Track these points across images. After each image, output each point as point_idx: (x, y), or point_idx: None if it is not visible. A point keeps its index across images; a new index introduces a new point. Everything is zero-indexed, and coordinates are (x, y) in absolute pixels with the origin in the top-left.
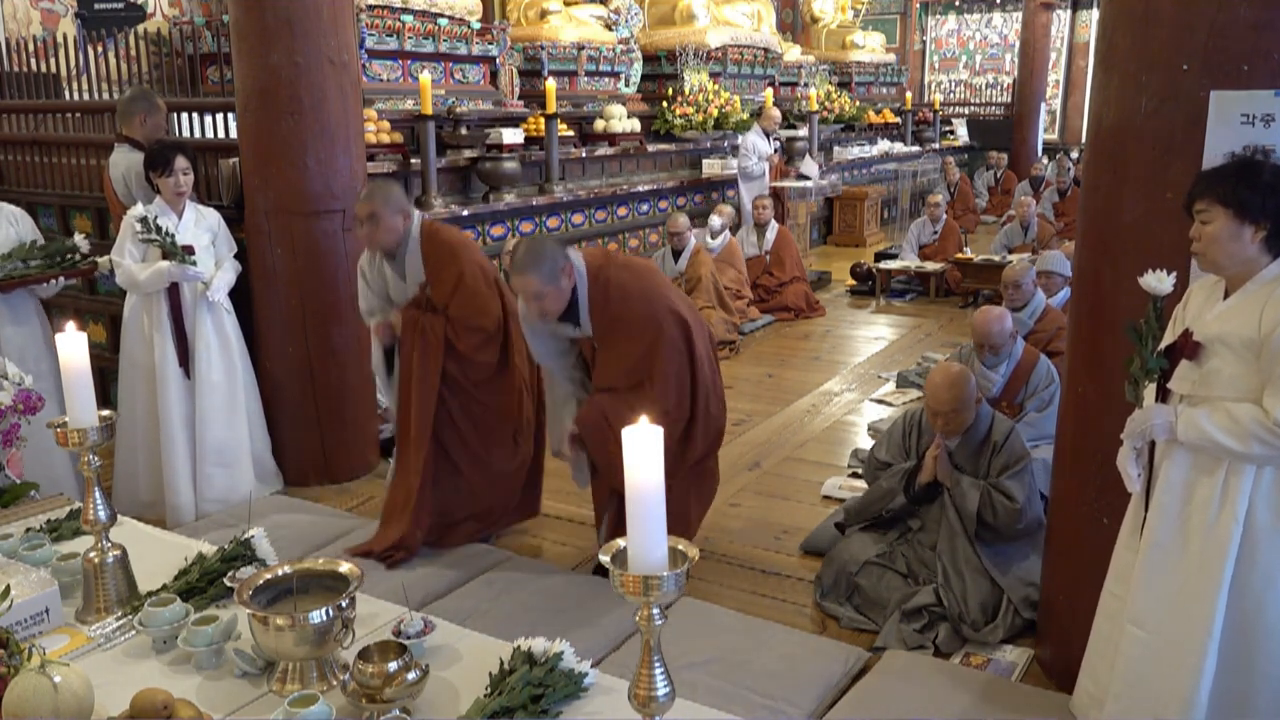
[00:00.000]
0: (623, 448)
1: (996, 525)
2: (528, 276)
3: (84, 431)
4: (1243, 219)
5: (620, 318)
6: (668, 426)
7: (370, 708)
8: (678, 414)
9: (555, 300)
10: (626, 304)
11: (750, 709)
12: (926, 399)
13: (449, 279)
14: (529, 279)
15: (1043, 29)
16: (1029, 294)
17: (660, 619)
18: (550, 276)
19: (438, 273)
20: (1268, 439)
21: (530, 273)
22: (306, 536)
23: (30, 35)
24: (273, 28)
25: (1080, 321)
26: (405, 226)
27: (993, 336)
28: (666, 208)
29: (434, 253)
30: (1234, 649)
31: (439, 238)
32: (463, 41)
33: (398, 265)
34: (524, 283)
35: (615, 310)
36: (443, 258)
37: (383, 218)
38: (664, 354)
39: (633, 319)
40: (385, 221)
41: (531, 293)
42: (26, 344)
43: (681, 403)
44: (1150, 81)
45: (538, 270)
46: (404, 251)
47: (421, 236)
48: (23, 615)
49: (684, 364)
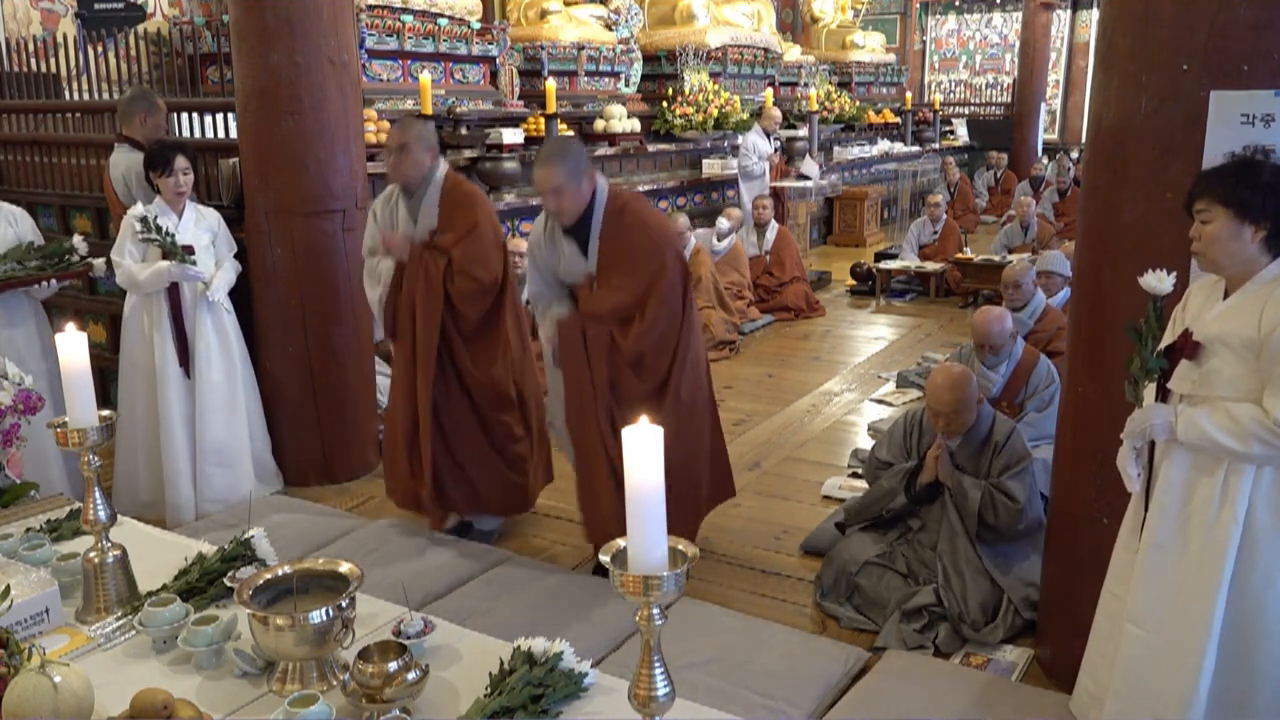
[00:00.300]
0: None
1: (998, 525)
2: (553, 168)
3: (84, 431)
4: (1243, 219)
5: (628, 247)
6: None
7: (370, 708)
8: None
9: (573, 200)
10: (638, 231)
11: (750, 709)
12: (928, 400)
13: (463, 225)
14: (554, 170)
15: (1043, 29)
16: (1029, 294)
17: (660, 619)
18: (574, 174)
19: (452, 216)
20: (1268, 439)
21: (556, 165)
22: (306, 536)
23: (30, 35)
24: (273, 28)
25: (1080, 321)
26: (430, 165)
27: (993, 337)
28: (666, 208)
29: (454, 197)
30: (1233, 649)
31: (462, 185)
32: (463, 41)
33: (413, 204)
34: (547, 174)
35: (625, 237)
36: (462, 203)
37: (412, 149)
38: (661, 292)
39: (640, 249)
40: (414, 154)
41: (552, 186)
42: (22, 345)
43: (663, 348)
44: (1150, 81)
45: (563, 164)
46: (423, 191)
47: (445, 180)
48: (23, 615)
49: (676, 307)
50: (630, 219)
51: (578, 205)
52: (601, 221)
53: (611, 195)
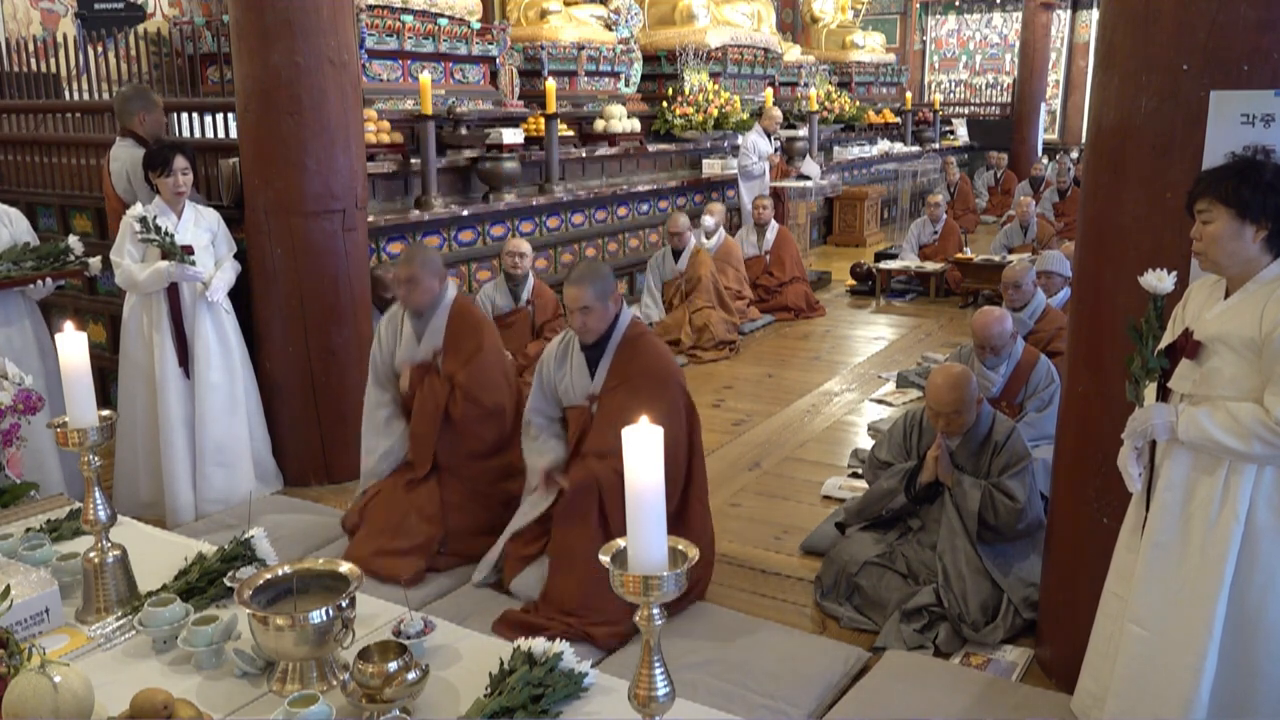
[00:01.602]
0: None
1: (998, 525)
2: (584, 288)
3: (84, 431)
4: (1244, 218)
5: (638, 372)
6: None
7: (370, 708)
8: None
9: (599, 319)
10: (650, 357)
11: (750, 709)
12: (928, 400)
13: (469, 348)
14: (584, 290)
15: (1043, 29)
16: (1029, 294)
17: (660, 619)
18: (602, 295)
19: (458, 339)
20: (1268, 438)
21: (587, 285)
22: (306, 536)
23: (30, 35)
24: (273, 28)
25: (1080, 321)
26: (440, 289)
27: (993, 338)
28: (666, 208)
29: (461, 321)
30: (1235, 648)
31: (470, 311)
32: (463, 41)
33: (420, 324)
34: (578, 292)
35: (637, 362)
36: (469, 327)
37: (421, 280)
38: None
39: (647, 376)
40: (423, 284)
41: (581, 304)
42: (19, 345)
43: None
44: (1150, 81)
45: (593, 284)
46: (432, 313)
47: (454, 304)
48: (23, 615)
49: (682, 438)
50: (644, 345)
51: (602, 324)
52: (618, 344)
53: (633, 321)
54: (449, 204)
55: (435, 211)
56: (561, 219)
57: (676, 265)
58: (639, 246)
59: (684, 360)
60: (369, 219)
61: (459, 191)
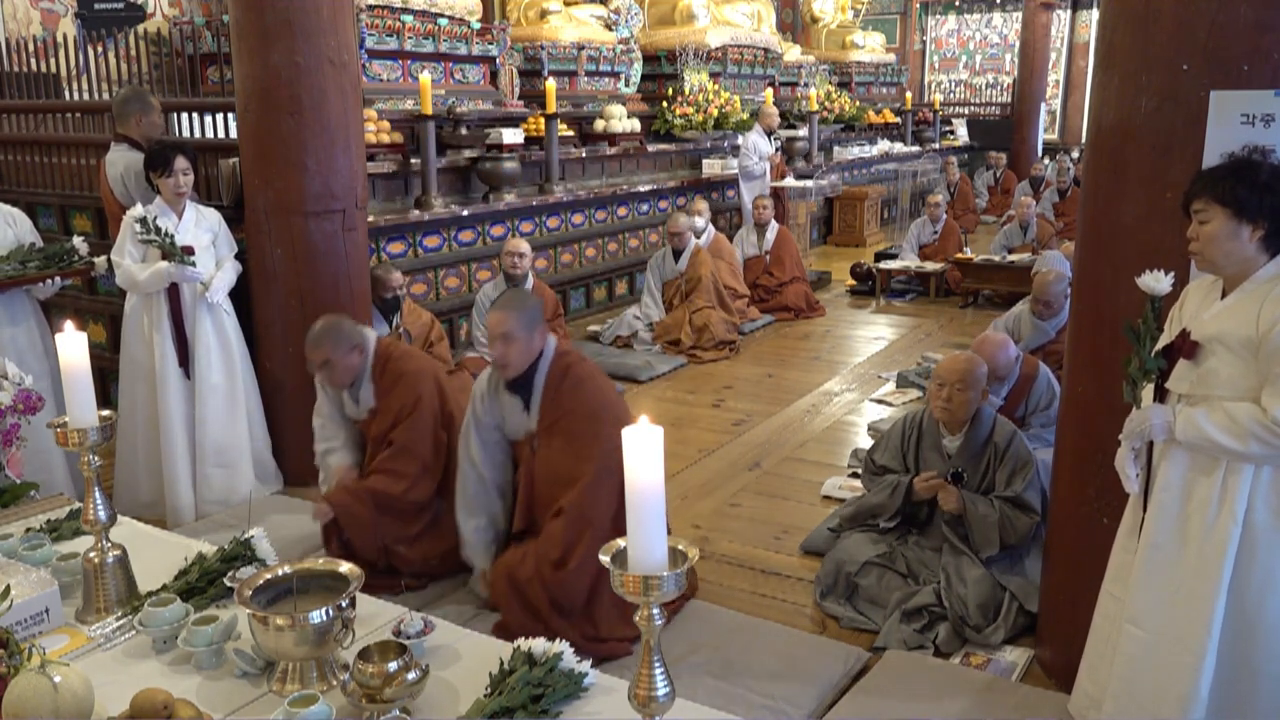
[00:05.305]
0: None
1: (1014, 542)
2: (508, 314)
3: (84, 431)
4: (1240, 218)
5: (570, 412)
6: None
7: (370, 708)
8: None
9: (520, 353)
10: (583, 395)
11: (750, 709)
12: (937, 368)
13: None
14: (508, 317)
15: (1043, 29)
16: (1059, 307)
17: (660, 619)
18: (526, 326)
19: (388, 397)
20: (1266, 438)
21: (511, 312)
22: (306, 536)
23: (30, 35)
24: (273, 28)
25: (1080, 322)
26: (360, 360)
27: (999, 368)
28: (666, 208)
29: (387, 381)
30: (1233, 649)
31: (393, 367)
32: (463, 41)
33: (353, 391)
34: (501, 319)
35: (571, 399)
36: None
37: (336, 361)
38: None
39: (580, 417)
40: (340, 363)
41: (502, 332)
42: (24, 345)
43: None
44: (1150, 81)
45: (518, 314)
46: (360, 380)
47: (375, 360)
48: (23, 615)
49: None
50: (576, 376)
51: (523, 360)
52: (545, 380)
53: (558, 354)
54: (449, 204)
55: (435, 211)
56: (561, 219)
57: (677, 265)
58: (639, 246)
59: (684, 360)
60: (369, 219)
61: (459, 191)
